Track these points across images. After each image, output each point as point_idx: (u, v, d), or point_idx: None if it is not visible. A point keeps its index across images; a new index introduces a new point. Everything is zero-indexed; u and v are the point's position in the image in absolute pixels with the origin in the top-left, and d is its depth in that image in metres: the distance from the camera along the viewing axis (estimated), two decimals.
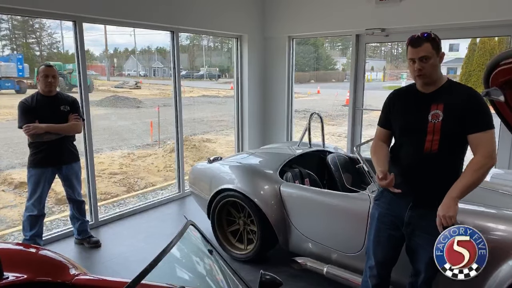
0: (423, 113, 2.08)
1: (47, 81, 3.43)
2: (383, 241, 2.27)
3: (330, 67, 34.52)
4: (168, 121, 11.97)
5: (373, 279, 2.36)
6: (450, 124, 2.01)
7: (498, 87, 1.70)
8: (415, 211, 2.12)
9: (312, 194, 3.10)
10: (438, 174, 2.08)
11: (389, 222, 2.24)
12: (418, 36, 2.02)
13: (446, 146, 2.04)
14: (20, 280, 1.66)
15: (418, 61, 2.01)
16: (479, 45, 18.76)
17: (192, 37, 28.52)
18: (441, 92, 2.08)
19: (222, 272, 1.46)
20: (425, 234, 2.09)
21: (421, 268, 2.16)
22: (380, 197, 2.31)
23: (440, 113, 2.03)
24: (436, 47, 2.03)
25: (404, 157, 2.17)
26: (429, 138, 2.05)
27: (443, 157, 2.05)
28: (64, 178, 3.64)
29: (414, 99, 2.16)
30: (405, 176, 2.14)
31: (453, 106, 2.02)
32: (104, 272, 3.39)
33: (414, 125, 2.12)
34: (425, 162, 2.07)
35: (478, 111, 1.99)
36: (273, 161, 3.64)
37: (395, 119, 2.25)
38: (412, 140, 2.13)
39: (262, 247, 3.36)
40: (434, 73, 2.05)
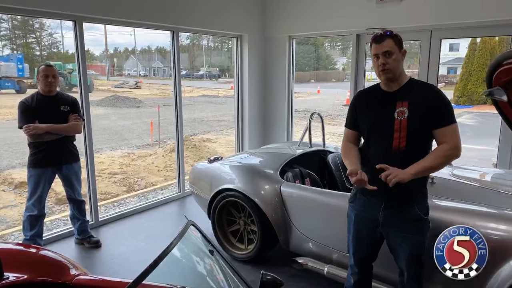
0: (389, 111, 2.13)
1: (47, 81, 3.43)
2: (362, 241, 2.32)
3: (330, 66, 34.51)
4: (168, 121, 11.97)
5: (354, 276, 2.43)
6: (415, 120, 2.06)
7: (500, 87, 1.69)
8: (388, 211, 2.16)
9: (313, 194, 3.09)
10: None
11: (365, 223, 2.27)
12: (381, 33, 2.12)
13: (413, 142, 2.09)
14: (21, 281, 1.66)
15: (381, 56, 2.08)
16: (479, 45, 18.76)
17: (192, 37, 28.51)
18: (404, 90, 2.14)
19: (223, 272, 1.46)
20: (401, 232, 2.15)
21: (403, 266, 2.21)
22: (354, 199, 2.34)
23: (406, 110, 2.08)
24: (399, 44, 2.11)
25: (373, 156, 2.20)
26: (396, 135, 2.10)
27: (411, 153, 2.09)
28: (64, 178, 3.64)
29: (379, 98, 2.21)
30: (375, 176, 2.13)
31: (417, 103, 2.08)
32: (104, 272, 3.39)
33: (381, 124, 2.16)
34: (395, 160, 2.09)
35: (442, 107, 2.06)
36: (273, 161, 3.64)
37: (362, 119, 2.28)
38: (380, 138, 2.17)
39: (262, 247, 3.36)
40: (397, 69, 2.11)
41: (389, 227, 2.18)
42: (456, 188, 2.77)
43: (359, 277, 2.42)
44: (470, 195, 2.63)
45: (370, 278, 2.48)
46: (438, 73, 4.67)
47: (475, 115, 16.23)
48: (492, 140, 6.29)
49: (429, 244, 2.21)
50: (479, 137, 11.54)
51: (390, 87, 2.17)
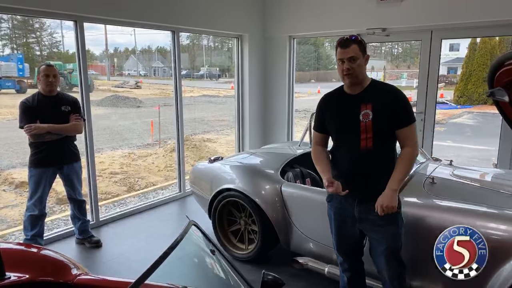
0: (354, 113, 2.22)
1: (48, 80, 3.43)
2: (344, 238, 2.41)
3: (331, 66, 34.46)
4: (168, 120, 11.98)
5: (347, 273, 2.50)
6: (379, 121, 2.17)
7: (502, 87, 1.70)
8: (362, 207, 2.26)
9: (313, 194, 3.09)
10: (376, 168, 2.23)
11: (344, 220, 2.37)
12: (347, 38, 2.19)
13: (379, 141, 2.20)
14: (22, 280, 1.66)
15: (347, 61, 2.16)
16: (479, 45, 18.75)
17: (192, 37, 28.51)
18: (367, 93, 2.23)
19: (224, 272, 1.46)
20: (376, 226, 2.23)
21: (383, 263, 2.25)
22: (331, 199, 2.43)
23: (370, 112, 2.18)
24: (363, 49, 2.20)
25: (343, 157, 2.30)
26: (363, 136, 2.20)
27: (379, 151, 2.21)
28: (65, 178, 3.64)
29: (344, 101, 2.30)
30: (347, 176, 2.28)
31: (380, 104, 2.18)
32: (105, 272, 3.39)
33: (348, 126, 2.25)
34: (363, 159, 2.22)
35: (402, 108, 2.18)
36: (274, 161, 3.64)
37: (329, 123, 2.36)
38: (349, 140, 2.26)
39: (263, 247, 3.36)
40: (361, 73, 2.21)
41: (365, 223, 2.27)
42: (457, 188, 2.78)
43: (351, 274, 2.49)
44: (470, 195, 2.63)
45: (363, 275, 2.54)
46: (438, 73, 4.68)
47: (475, 115, 16.24)
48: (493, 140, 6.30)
49: (429, 244, 2.21)
50: (479, 137, 11.54)
51: (353, 90, 2.26)
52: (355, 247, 2.44)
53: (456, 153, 9.11)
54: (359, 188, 2.25)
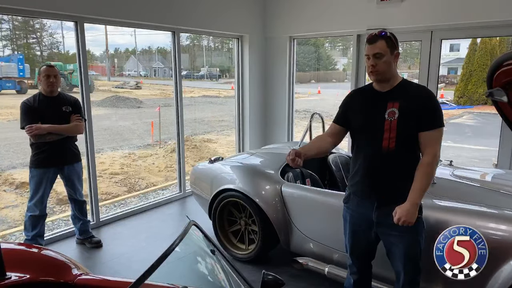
0: (380, 111, 2.13)
1: (49, 81, 3.43)
2: (358, 241, 2.33)
3: (331, 67, 34.49)
4: (168, 121, 11.98)
5: (354, 276, 2.44)
6: (405, 121, 2.07)
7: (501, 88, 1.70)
8: (381, 211, 2.16)
9: (314, 194, 3.10)
10: (397, 171, 2.13)
11: (360, 224, 2.28)
12: (375, 34, 2.10)
13: (402, 143, 2.09)
14: (23, 280, 1.66)
15: (372, 57, 2.08)
16: (480, 45, 18.76)
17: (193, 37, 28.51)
18: (396, 91, 2.14)
19: (225, 272, 1.46)
20: (395, 231, 2.13)
21: (400, 268, 2.19)
22: (348, 200, 2.35)
23: (396, 111, 2.09)
24: (391, 46, 2.09)
25: (363, 156, 2.22)
26: (386, 136, 2.10)
27: (401, 154, 2.11)
28: (66, 179, 3.64)
29: (371, 98, 2.21)
30: (366, 176, 2.19)
31: (408, 104, 2.08)
32: (105, 272, 3.39)
33: (371, 124, 2.16)
34: (384, 160, 2.12)
35: (432, 109, 2.07)
36: (274, 161, 3.64)
37: (353, 118, 2.28)
38: (371, 139, 2.17)
39: (263, 247, 3.37)
40: (388, 71, 2.11)
41: (383, 227, 2.18)
42: (457, 188, 2.78)
43: (358, 277, 2.43)
44: (470, 195, 2.63)
45: (370, 278, 2.49)
46: (438, 73, 4.68)
47: (475, 115, 16.24)
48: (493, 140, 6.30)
49: (429, 244, 2.21)
50: (479, 137, 11.54)
51: (382, 87, 2.18)
52: (368, 252, 2.37)
53: (456, 154, 9.11)
54: (378, 191, 2.17)
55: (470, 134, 12.25)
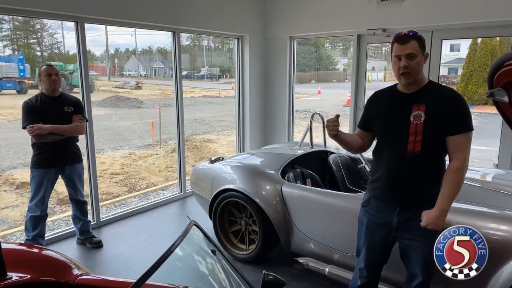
0: (404, 114, 2.06)
1: (51, 79, 3.43)
2: (374, 246, 2.26)
3: (331, 67, 34.48)
4: (169, 121, 11.98)
5: (363, 279, 2.36)
6: (431, 125, 2.00)
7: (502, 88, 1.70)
8: (403, 216, 2.10)
9: (314, 194, 3.10)
10: (422, 175, 2.06)
11: (378, 229, 2.22)
12: (405, 33, 2.01)
13: (428, 147, 2.02)
14: (24, 280, 1.66)
15: (404, 58, 1.99)
16: (480, 45, 18.75)
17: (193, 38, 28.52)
18: (422, 93, 2.06)
19: (225, 272, 1.46)
20: (416, 237, 2.07)
21: (417, 271, 2.14)
22: (368, 204, 2.28)
23: (422, 114, 2.01)
24: (422, 47, 2.03)
25: (387, 160, 2.14)
26: (411, 139, 2.03)
27: (426, 158, 2.04)
28: (67, 179, 3.64)
29: (395, 100, 2.14)
30: (389, 180, 2.12)
31: (435, 107, 2.01)
32: (106, 272, 3.40)
33: (396, 127, 2.09)
34: (409, 165, 2.05)
35: (459, 113, 1.99)
36: (274, 162, 3.64)
37: (376, 121, 2.22)
38: (395, 142, 2.10)
39: (263, 247, 3.37)
40: (419, 72, 2.04)
41: (403, 232, 2.12)
42: None
43: (366, 280, 2.36)
44: (471, 195, 2.63)
45: (377, 282, 2.42)
46: (439, 73, 4.68)
47: (476, 116, 16.22)
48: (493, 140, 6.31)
49: None
50: (480, 137, 11.53)
51: (408, 89, 2.10)
52: (383, 256, 2.30)
53: None
54: (401, 196, 2.09)
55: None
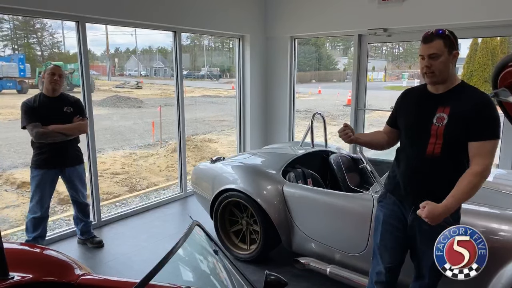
0: (428, 114, 2.03)
1: (53, 78, 3.41)
2: (390, 245, 2.21)
3: (331, 67, 34.48)
4: (169, 121, 11.99)
5: (380, 285, 2.28)
6: (453, 129, 1.95)
7: (506, 88, 1.70)
8: (417, 215, 2.06)
9: (315, 194, 3.10)
10: (439, 178, 2.03)
11: (394, 224, 2.19)
12: (431, 32, 1.95)
13: (449, 151, 1.98)
14: (26, 280, 1.66)
15: (427, 58, 1.95)
16: (481, 45, 18.72)
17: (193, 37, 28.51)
18: (450, 95, 2.00)
19: (227, 272, 1.46)
20: (428, 238, 2.03)
21: (425, 273, 2.13)
22: (384, 199, 2.27)
23: (445, 116, 1.96)
24: (450, 45, 1.93)
25: (406, 158, 2.14)
26: (432, 141, 2.00)
27: (446, 161, 2.00)
28: (68, 181, 3.62)
29: (422, 99, 2.11)
30: (408, 178, 2.11)
31: (459, 111, 1.94)
32: (107, 272, 3.40)
33: (418, 126, 2.07)
34: (427, 165, 2.03)
35: (484, 118, 1.90)
36: (275, 161, 3.64)
37: (400, 117, 2.21)
38: (416, 141, 2.08)
39: (265, 247, 3.37)
40: (444, 72, 1.96)
41: (417, 231, 2.10)
42: None
43: (385, 286, 2.27)
44: None
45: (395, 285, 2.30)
46: None
47: None
48: None
49: None
50: None
51: (436, 89, 2.05)
52: (401, 256, 2.24)
53: None
54: (417, 194, 2.07)
55: None
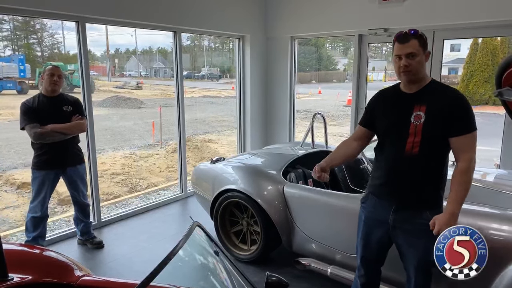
0: (405, 114, 2.07)
1: (52, 79, 3.41)
2: (370, 243, 2.27)
3: (332, 67, 34.48)
4: (169, 121, 11.99)
5: (361, 278, 2.38)
6: (431, 126, 1.99)
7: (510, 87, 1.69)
8: (399, 214, 2.11)
9: (316, 194, 3.09)
10: (419, 176, 2.06)
11: (375, 225, 2.23)
12: (405, 32, 2.01)
13: (427, 148, 2.02)
14: (25, 281, 1.65)
15: (404, 57, 1.99)
16: (481, 45, 18.72)
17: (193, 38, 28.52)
18: (424, 93, 2.06)
19: (228, 273, 1.45)
20: (411, 237, 2.08)
21: (411, 272, 2.15)
22: (366, 200, 2.30)
23: (422, 114, 2.01)
24: (423, 45, 2.02)
25: (386, 158, 2.17)
26: (410, 139, 2.04)
27: (424, 159, 2.03)
28: (69, 181, 3.62)
29: (397, 99, 2.14)
30: (387, 178, 2.15)
31: (435, 107, 2.00)
32: (107, 272, 3.39)
33: (396, 126, 2.10)
34: (406, 164, 2.06)
35: (461, 113, 1.97)
36: (276, 162, 3.63)
37: (378, 119, 2.23)
38: (394, 141, 2.11)
39: (265, 248, 3.35)
40: (420, 71, 2.03)
41: (399, 231, 2.13)
42: None
43: (365, 280, 2.37)
44: (472, 195, 2.61)
45: (378, 282, 2.42)
46: (440, 73, 4.67)
47: (477, 116, 16.12)
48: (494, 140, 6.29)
49: None
50: (481, 137, 11.49)
51: (409, 88, 2.09)
52: (379, 257, 2.31)
53: None
54: (397, 194, 2.11)
55: None
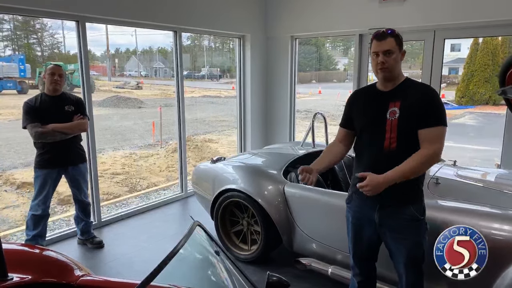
0: (381, 111, 2.13)
1: (53, 78, 3.42)
2: (360, 242, 2.31)
3: (332, 67, 34.46)
4: (169, 121, 11.98)
5: (357, 277, 2.42)
6: (405, 121, 2.05)
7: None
8: (383, 212, 2.15)
9: (316, 194, 3.08)
10: None
11: (363, 225, 2.26)
12: (383, 31, 2.08)
13: (404, 144, 2.07)
14: (25, 281, 1.65)
15: (381, 54, 2.06)
16: (481, 45, 18.71)
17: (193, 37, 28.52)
18: (399, 90, 2.13)
19: (229, 273, 1.45)
20: (396, 234, 2.12)
21: (401, 270, 2.17)
22: (350, 200, 2.33)
23: (397, 110, 2.08)
24: (399, 44, 2.09)
25: (366, 156, 2.21)
26: (387, 135, 2.10)
27: (403, 154, 2.06)
28: (71, 179, 3.63)
29: (373, 97, 2.20)
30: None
31: (409, 103, 2.07)
32: (107, 272, 3.38)
33: (373, 124, 2.16)
34: (386, 160, 2.09)
35: (430, 106, 2.03)
36: (276, 162, 3.63)
37: (356, 118, 2.28)
38: (373, 138, 2.17)
39: (266, 248, 3.35)
40: (396, 69, 2.10)
41: (385, 228, 2.16)
42: (460, 188, 2.76)
43: (362, 278, 2.41)
44: (474, 195, 2.62)
45: (374, 280, 2.46)
46: (441, 73, 4.66)
47: (477, 116, 16.20)
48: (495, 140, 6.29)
49: (429, 245, 2.19)
50: (481, 137, 11.52)
51: (385, 86, 2.16)
52: (371, 253, 2.35)
53: (457, 154, 9.09)
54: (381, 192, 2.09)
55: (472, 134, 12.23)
